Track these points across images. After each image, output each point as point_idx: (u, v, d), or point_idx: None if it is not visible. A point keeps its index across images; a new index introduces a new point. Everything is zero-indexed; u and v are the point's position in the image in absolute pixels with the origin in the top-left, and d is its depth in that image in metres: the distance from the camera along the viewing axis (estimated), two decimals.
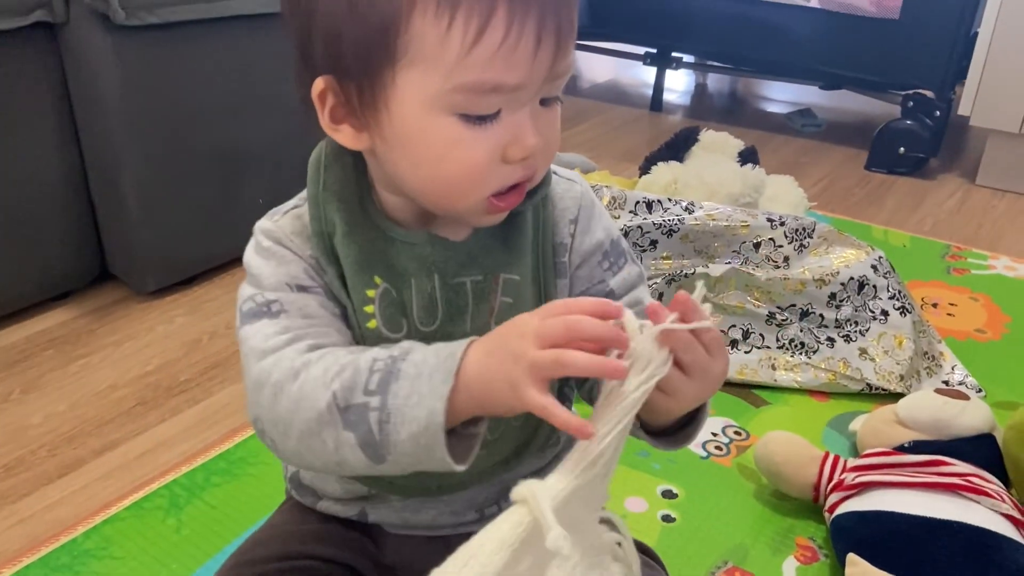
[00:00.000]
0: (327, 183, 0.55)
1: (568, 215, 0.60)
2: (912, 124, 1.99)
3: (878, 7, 1.96)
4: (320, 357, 0.50)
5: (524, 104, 0.50)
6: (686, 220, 1.20)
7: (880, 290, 1.18)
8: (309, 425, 0.49)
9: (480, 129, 0.49)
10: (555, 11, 0.47)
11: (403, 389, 0.47)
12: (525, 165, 0.51)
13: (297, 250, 0.55)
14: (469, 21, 0.46)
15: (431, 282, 0.56)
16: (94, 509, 0.93)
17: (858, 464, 0.91)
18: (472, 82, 0.47)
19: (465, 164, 0.50)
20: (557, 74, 0.50)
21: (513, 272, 0.57)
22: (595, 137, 2.26)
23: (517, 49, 0.47)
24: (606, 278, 0.61)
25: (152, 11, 1.19)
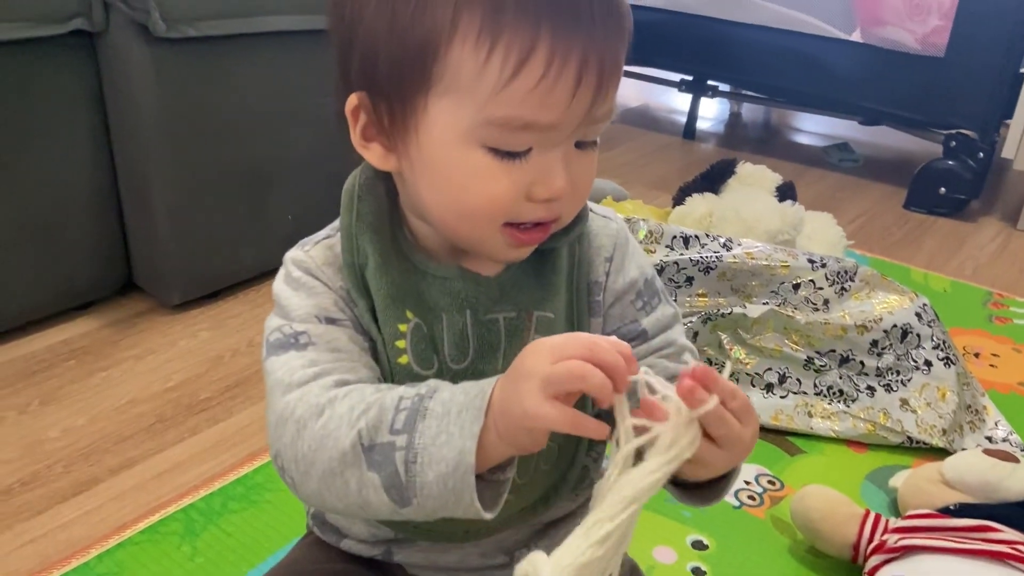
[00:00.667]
0: (361, 213, 0.53)
1: (604, 253, 0.59)
2: (954, 164, 1.95)
3: (923, 44, 1.93)
4: (347, 394, 0.48)
5: (557, 144, 0.48)
6: (724, 257, 1.17)
7: (924, 339, 1.14)
8: (332, 464, 0.47)
9: (507, 164, 0.47)
10: (600, 53, 0.46)
11: (431, 428, 0.45)
12: (549, 207, 0.50)
13: (328, 281, 0.53)
14: (509, 54, 0.44)
15: (463, 318, 0.54)
16: (108, 531, 0.91)
17: (901, 526, 0.87)
18: (504, 117, 0.46)
19: (487, 197, 0.48)
20: (596, 118, 0.48)
21: (547, 309, 0.56)
22: (626, 163, 2.24)
23: (555, 88, 0.45)
24: (639, 318, 0.60)
25: (193, 24, 1.18)
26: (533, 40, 0.44)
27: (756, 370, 1.15)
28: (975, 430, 1.13)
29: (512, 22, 0.44)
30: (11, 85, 1.13)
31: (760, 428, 1.13)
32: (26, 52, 1.12)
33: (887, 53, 1.99)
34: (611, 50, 0.46)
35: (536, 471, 0.59)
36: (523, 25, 0.44)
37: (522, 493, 0.59)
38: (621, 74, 0.48)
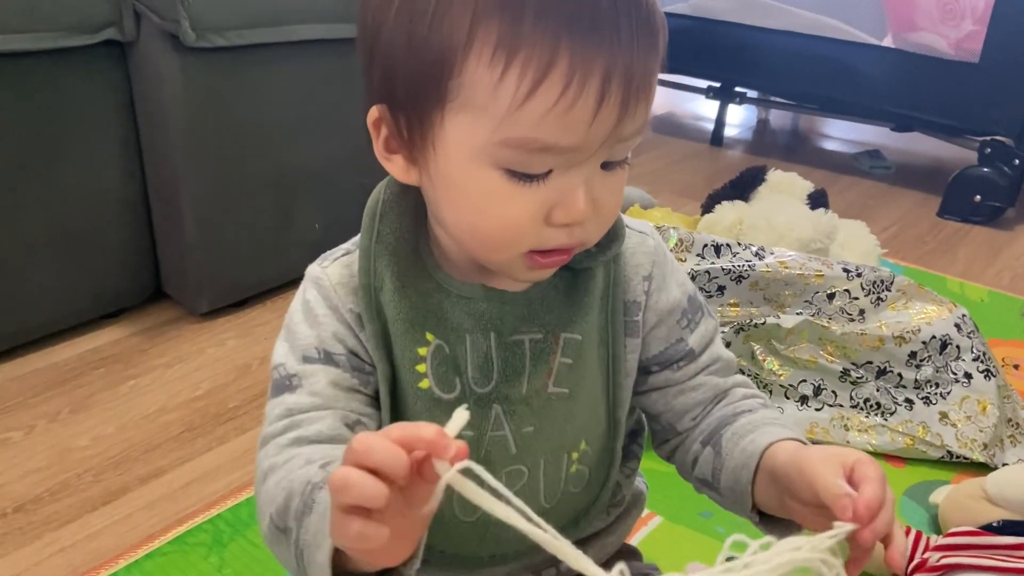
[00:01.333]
0: (381, 235, 0.52)
1: (641, 271, 0.57)
2: (989, 172, 1.91)
3: (957, 50, 1.89)
4: (284, 463, 0.49)
5: (579, 165, 0.45)
6: (756, 266, 1.15)
7: (963, 351, 1.11)
8: (267, 531, 0.49)
9: (524, 187, 0.45)
10: (626, 68, 0.42)
11: (312, 525, 0.44)
12: (571, 232, 0.47)
13: (338, 303, 0.53)
14: (526, 71, 0.41)
15: (487, 340, 0.53)
16: (137, 541, 0.91)
17: (943, 543, 0.85)
18: (521, 139, 0.43)
19: (502, 221, 0.46)
20: (623, 136, 0.45)
21: (575, 331, 0.54)
22: (654, 171, 2.22)
23: (575, 107, 0.42)
24: (684, 336, 0.58)
25: (222, 34, 1.18)
26: (552, 55, 0.41)
27: (790, 382, 1.12)
28: (1016, 444, 1.10)
29: (530, 36, 0.41)
30: (44, 94, 1.14)
31: None
32: (58, 62, 1.13)
33: (920, 58, 1.96)
34: (639, 65, 0.43)
35: (564, 494, 0.58)
36: (542, 39, 0.41)
37: (549, 517, 0.57)
38: (653, 90, 0.45)
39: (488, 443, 0.54)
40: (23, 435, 1.07)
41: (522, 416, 0.54)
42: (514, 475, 0.55)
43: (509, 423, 0.54)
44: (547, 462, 0.56)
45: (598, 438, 0.58)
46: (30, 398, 1.14)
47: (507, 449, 0.54)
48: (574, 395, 0.55)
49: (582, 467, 0.58)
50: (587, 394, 0.56)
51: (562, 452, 0.56)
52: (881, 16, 2.02)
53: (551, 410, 0.54)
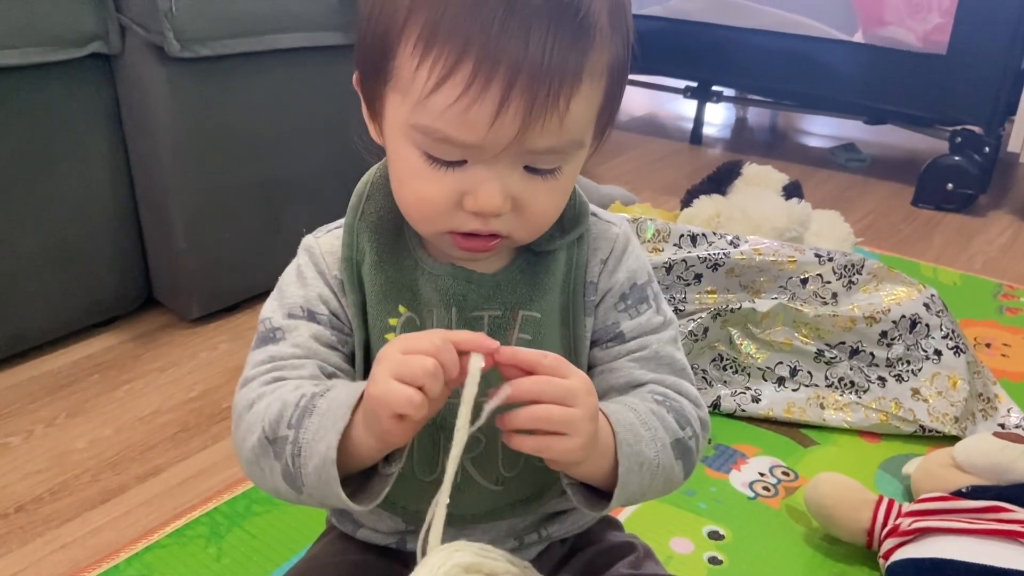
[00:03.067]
0: (365, 213, 0.57)
1: (600, 255, 0.60)
2: (960, 160, 1.96)
3: (924, 42, 1.94)
4: (273, 391, 0.52)
5: (493, 162, 0.48)
6: (731, 254, 1.19)
7: (933, 329, 1.15)
8: (252, 454, 0.52)
9: (440, 171, 0.49)
10: (530, 82, 0.44)
11: (313, 424, 0.49)
12: (485, 221, 0.50)
13: (326, 269, 0.57)
14: (435, 66, 0.45)
15: (448, 315, 0.56)
16: (136, 536, 0.93)
17: (914, 509, 0.88)
18: (425, 127, 0.47)
19: (417, 196, 0.51)
20: (534, 149, 0.48)
21: (534, 309, 0.57)
22: (634, 170, 2.26)
23: (473, 110, 0.45)
24: (620, 320, 0.60)
25: (205, 44, 1.21)
26: (459, 57, 0.44)
27: (767, 364, 1.16)
28: (987, 418, 1.14)
29: (446, 34, 0.44)
30: (32, 107, 1.17)
31: (773, 421, 1.14)
32: (46, 75, 1.16)
33: (890, 52, 2.01)
34: (546, 79, 0.44)
35: (526, 465, 0.60)
36: (454, 39, 0.44)
37: (510, 486, 0.60)
38: (568, 108, 0.46)
39: (445, 409, 0.54)
40: (22, 439, 1.09)
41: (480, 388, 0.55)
42: (470, 442, 0.56)
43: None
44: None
45: None
46: (28, 404, 1.16)
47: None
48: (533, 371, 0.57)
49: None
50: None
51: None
52: (851, 13, 2.06)
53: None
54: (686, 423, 0.57)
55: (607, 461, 0.52)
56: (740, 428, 1.13)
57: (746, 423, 1.14)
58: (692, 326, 1.13)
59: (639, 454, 0.53)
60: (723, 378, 1.16)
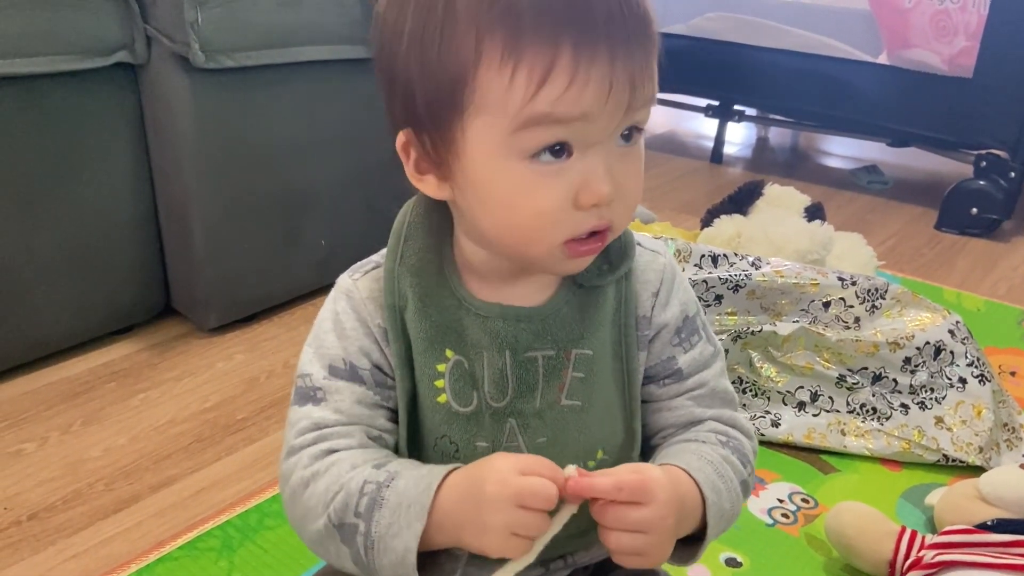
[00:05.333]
0: (404, 256, 0.56)
1: (650, 288, 0.59)
2: (985, 184, 1.93)
3: (950, 65, 1.93)
4: (327, 469, 0.53)
5: (595, 144, 0.48)
6: (753, 276, 1.17)
7: (957, 356, 1.13)
8: (315, 535, 0.53)
9: (548, 174, 0.48)
10: (627, 50, 0.46)
11: (385, 518, 0.50)
12: (599, 214, 0.50)
13: (368, 317, 0.56)
14: (533, 69, 0.45)
15: (502, 358, 0.55)
16: (148, 547, 0.93)
17: (938, 542, 0.86)
18: (539, 115, 0.46)
19: (535, 211, 0.49)
20: (636, 105, 0.48)
21: (586, 347, 0.56)
22: (654, 188, 2.25)
23: (587, 89, 0.46)
24: (676, 355, 0.60)
25: (230, 55, 1.22)
26: (554, 54, 0.45)
27: (788, 388, 1.14)
28: (1012, 448, 1.11)
29: (532, 37, 0.45)
30: (58, 115, 1.18)
31: (793, 446, 1.13)
32: (72, 84, 1.17)
33: (915, 75, 1.99)
34: (639, 44, 0.47)
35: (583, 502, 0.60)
36: (542, 42, 0.45)
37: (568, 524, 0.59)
38: (655, 62, 0.48)
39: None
40: (36, 447, 1.09)
41: (535, 428, 0.56)
42: None
43: (523, 435, 0.56)
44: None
45: (616, 447, 0.60)
46: (44, 411, 1.16)
47: None
48: (587, 407, 0.57)
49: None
50: (601, 405, 0.58)
51: (578, 461, 0.57)
52: (876, 34, 2.05)
53: (564, 421, 0.57)
54: (747, 461, 0.59)
55: (693, 524, 0.54)
56: (759, 453, 1.10)
57: (765, 448, 1.12)
58: None
59: (721, 510, 0.55)
60: (742, 401, 1.15)
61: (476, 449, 0.56)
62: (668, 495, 0.50)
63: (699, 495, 0.54)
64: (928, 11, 1.94)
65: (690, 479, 0.54)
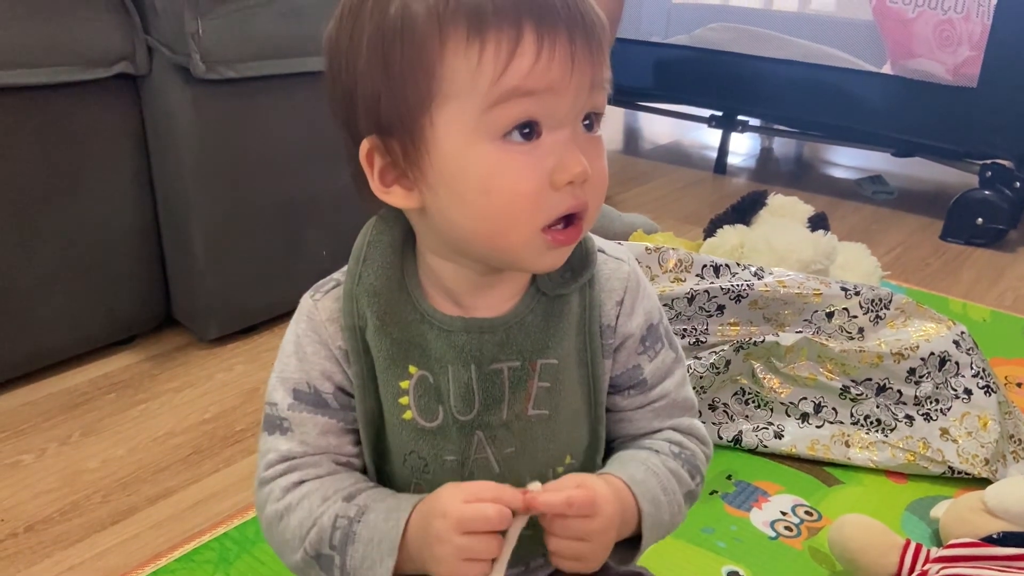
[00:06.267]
0: (362, 277, 0.55)
1: (615, 296, 0.59)
2: (990, 195, 1.92)
3: (955, 75, 1.92)
4: (299, 502, 0.55)
5: (563, 125, 0.49)
6: (755, 286, 1.16)
7: (963, 367, 1.12)
8: (296, 564, 0.56)
9: (522, 154, 0.48)
10: (584, 34, 0.48)
11: (358, 552, 0.52)
12: (575, 194, 0.50)
13: (329, 339, 0.56)
14: (499, 48, 0.46)
15: (468, 371, 0.55)
16: (144, 559, 0.92)
17: (943, 555, 0.85)
18: (509, 89, 0.47)
19: (511, 192, 0.49)
20: (598, 83, 0.50)
21: (551, 356, 0.56)
22: (658, 198, 2.24)
23: (552, 62, 0.47)
24: (641, 363, 0.60)
25: (231, 66, 1.22)
26: (519, 30, 0.46)
27: (791, 399, 1.13)
28: (1019, 460, 1.10)
29: (496, 20, 0.46)
30: (60, 126, 1.18)
31: (796, 458, 1.12)
32: (73, 95, 1.17)
33: (919, 84, 1.98)
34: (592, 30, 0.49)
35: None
36: (507, 23, 0.46)
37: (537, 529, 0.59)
38: (608, 45, 0.50)
39: (472, 465, 0.57)
40: (35, 458, 1.09)
41: (503, 439, 0.57)
42: None
43: (491, 447, 0.57)
44: (532, 478, 0.58)
45: (582, 451, 0.61)
46: (42, 422, 1.16)
47: (490, 469, 0.57)
48: (554, 416, 0.57)
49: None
50: (568, 413, 0.58)
51: (547, 468, 0.59)
52: (879, 44, 2.05)
53: (532, 431, 0.57)
54: (696, 471, 0.61)
55: (631, 530, 0.57)
56: (762, 465, 1.10)
57: (768, 459, 1.11)
58: (714, 359, 1.10)
59: (659, 522, 0.57)
60: (745, 412, 1.14)
61: (445, 464, 0.56)
62: (612, 509, 0.53)
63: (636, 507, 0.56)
64: (931, 21, 1.93)
65: (630, 493, 0.56)
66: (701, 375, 1.10)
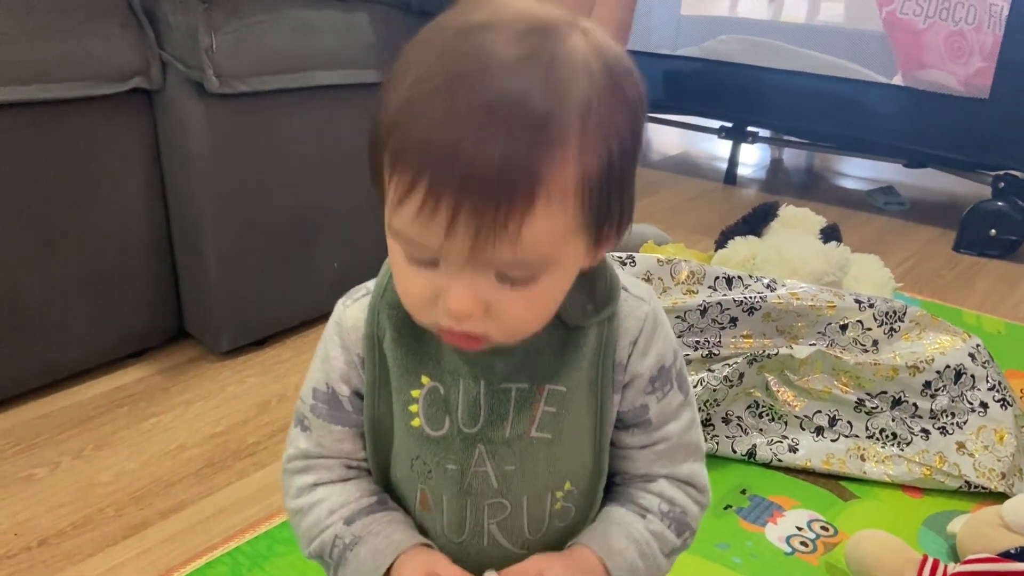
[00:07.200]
0: (387, 291, 0.58)
1: (629, 336, 0.59)
2: (1003, 206, 1.91)
3: (967, 86, 1.91)
4: (311, 508, 0.60)
5: (464, 265, 0.48)
6: (768, 298, 1.16)
7: (979, 380, 1.11)
8: (308, 555, 0.61)
9: (419, 269, 0.49)
10: (476, 212, 0.44)
11: (349, 571, 0.58)
12: (458, 322, 0.49)
13: (350, 345, 0.59)
14: (400, 183, 0.46)
15: (477, 386, 0.57)
16: (157, 574, 0.92)
17: (961, 571, 0.84)
18: (397, 229, 0.48)
19: (403, 290, 0.52)
20: (500, 263, 0.47)
21: (559, 383, 0.57)
22: (667, 209, 2.24)
23: (431, 225, 0.46)
24: (648, 403, 0.60)
25: (244, 80, 1.23)
26: (415, 178, 0.45)
27: (805, 412, 1.13)
28: None
29: (405, 158, 0.46)
30: (74, 140, 1.18)
31: (811, 472, 1.11)
32: (89, 109, 1.18)
33: (930, 96, 1.98)
34: (499, 208, 0.44)
35: (549, 528, 0.61)
36: (411, 162, 0.45)
37: (535, 549, 0.61)
38: (519, 232, 0.45)
39: (471, 476, 0.58)
40: (48, 471, 1.09)
41: (503, 456, 0.58)
42: (496, 507, 0.60)
43: (491, 462, 0.58)
44: (530, 499, 0.60)
45: (584, 480, 0.61)
46: (56, 435, 1.16)
47: (489, 484, 0.59)
48: (557, 440, 0.58)
49: (568, 504, 0.61)
50: (572, 440, 0.59)
51: (546, 491, 0.60)
52: (890, 55, 2.05)
53: (533, 452, 0.58)
54: (685, 528, 0.62)
55: None
56: (777, 479, 1.09)
57: (783, 474, 1.10)
58: (727, 371, 1.10)
59: None
60: (759, 426, 1.13)
61: (446, 472, 0.58)
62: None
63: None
64: (943, 32, 1.93)
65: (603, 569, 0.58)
66: (715, 388, 1.09)
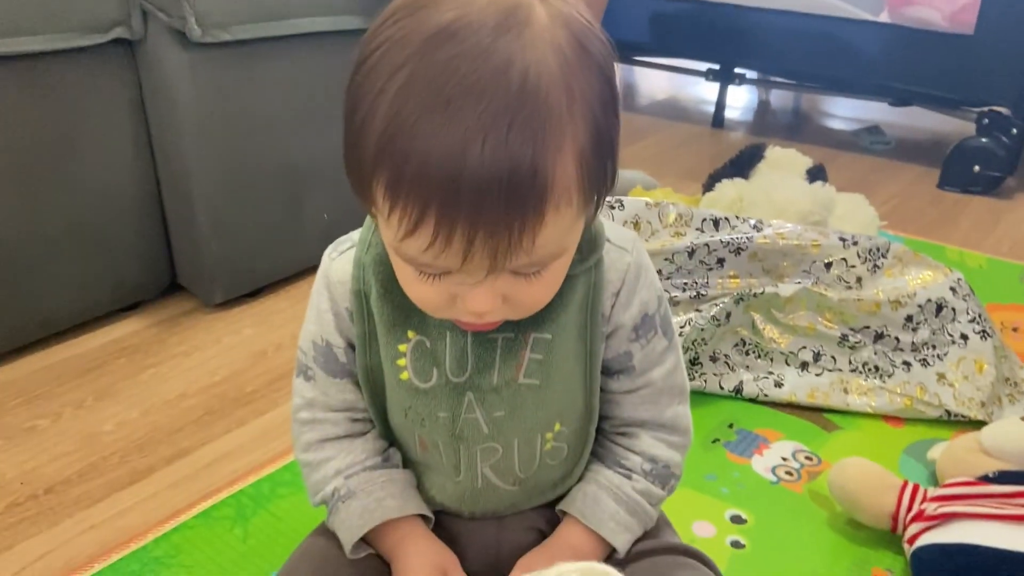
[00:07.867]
0: (371, 246, 0.59)
1: (611, 288, 0.60)
2: (987, 142, 1.93)
3: (951, 22, 1.91)
4: (318, 464, 0.65)
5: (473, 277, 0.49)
6: (754, 238, 1.18)
7: (959, 313, 1.14)
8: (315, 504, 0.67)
9: (430, 280, 0.50)
10: (491, 237, 0.45)
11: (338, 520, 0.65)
12: (480, 316, 0.51)
13: (338, 299, 0.61)
14: (403, 219, 0.46)
15: (464, 338, 0.58)
16: (164, 517, 0.94)
17: (940, 494, 0.87)
18: (408, 258, 0.49)
19: (419, 297, 0.53)
20: (516, 270, 0.49)
21: (545, 331, 0.59)
22: (655, 154, 2.24)
23: (446, 253, 0.46)
24: (632, 350, 0.63)
25: (226, 29, 1.22)
26: (421, 215, 0.45)
27: (790, 348, 1.15)
28: (1014, 402, 1.12)
29: (406, 194, 0.45)
30: (57, 93, 1.18)
31: (796, 406, 1.14)
32: (70, 61, 1.17)
33: (916, 33, 1.97)
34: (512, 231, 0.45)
35: (541, 466, 0.64)
36: (414, 199, 0.45)
37: (527, 484, 0.64)
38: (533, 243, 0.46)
39: (462, 423, 0.60)
40: (50, 422, 1.11)
41: (492, 402, 0.60)
42: (488, 451, 0.62)
43: (480, 408, 0.60)
44: (521, 441, 0.62)
45: (574, 420, 0.64)
46: (56, 387, 1.18)
47: (479, 430, 0.61)
48: (546, 385, 0.60)
49: (559, 444, 0.64)
50: (560, 385, 0.61)
51: (535, 433, 0.62)
52: None
53: (521, 398, 0.60)
54: (668, 479, 0.66)
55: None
56: (763, 413, 1.12)
57: (769, 408, 1.13)
58: (715, 311, 1.12)
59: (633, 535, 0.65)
60: (745, 363, 1.16)
61: (438, 420, 0.60)
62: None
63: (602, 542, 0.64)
64: None
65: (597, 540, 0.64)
66: (702, 327, 1.11)
